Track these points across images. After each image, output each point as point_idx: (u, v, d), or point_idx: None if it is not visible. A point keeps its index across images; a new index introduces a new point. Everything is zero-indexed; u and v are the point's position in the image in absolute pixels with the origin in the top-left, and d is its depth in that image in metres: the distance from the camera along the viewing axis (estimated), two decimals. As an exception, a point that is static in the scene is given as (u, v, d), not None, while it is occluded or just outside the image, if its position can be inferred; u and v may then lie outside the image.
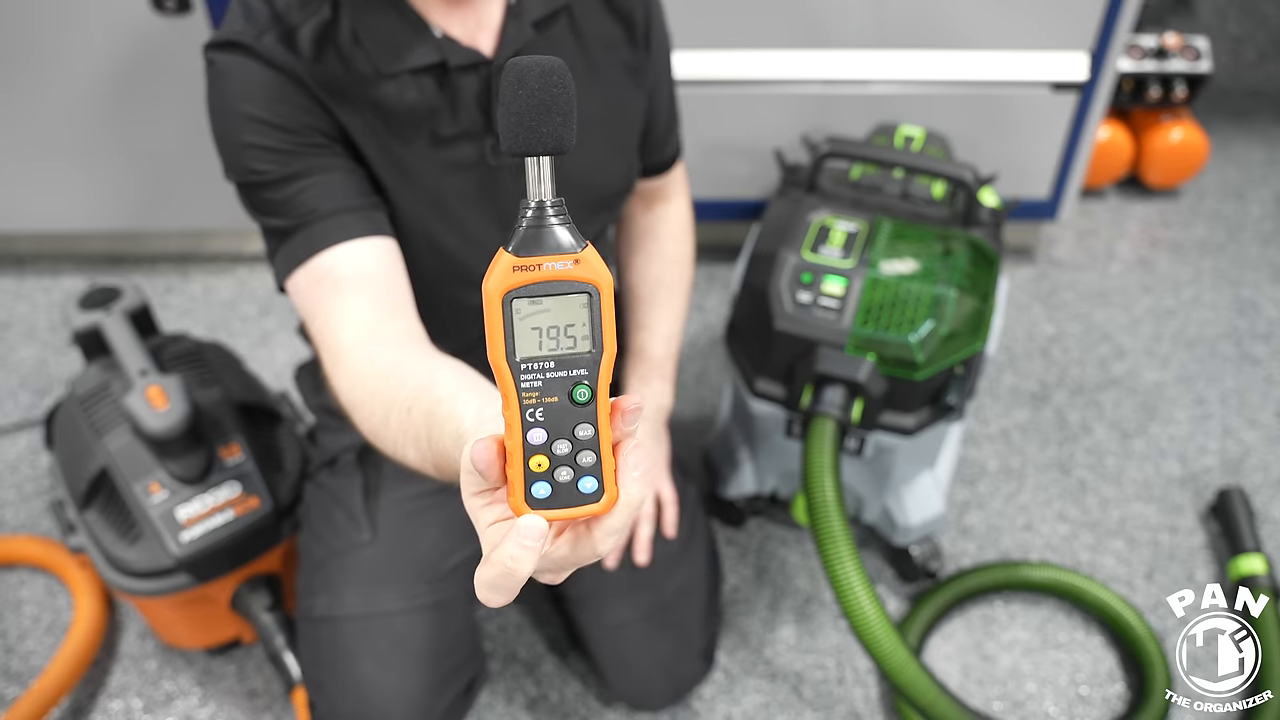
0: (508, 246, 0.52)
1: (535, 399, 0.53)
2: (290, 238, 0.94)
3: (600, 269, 0.53)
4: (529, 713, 1.45)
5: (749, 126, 1.88)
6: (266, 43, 0.92)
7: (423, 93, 0.97)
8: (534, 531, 0.52)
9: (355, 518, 1.22)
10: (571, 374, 0.53)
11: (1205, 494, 1.73)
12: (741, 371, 1.39)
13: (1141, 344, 1.99)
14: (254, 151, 0.93)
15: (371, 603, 1.18)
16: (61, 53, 1.76)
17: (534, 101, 0.52)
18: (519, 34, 0.98)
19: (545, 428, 0.53)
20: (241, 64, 0.93)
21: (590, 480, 0.54)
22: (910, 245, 1.34)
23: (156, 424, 1.29)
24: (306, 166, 0.94)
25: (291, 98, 0.93)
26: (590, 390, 0.53)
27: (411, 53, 0.95)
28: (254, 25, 0.93)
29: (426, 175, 1.01)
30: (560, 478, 0.54)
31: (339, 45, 0.95)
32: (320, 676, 1.20)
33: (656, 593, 1.28)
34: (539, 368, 0.53)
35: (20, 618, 1.55)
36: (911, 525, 1.49)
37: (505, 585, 0.53)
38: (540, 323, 0.53)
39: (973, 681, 1.49)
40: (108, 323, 1.42)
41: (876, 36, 1.79)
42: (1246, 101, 2.59)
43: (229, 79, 0.94)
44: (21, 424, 1.81)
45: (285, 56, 0.93)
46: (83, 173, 1.93)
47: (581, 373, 0.53)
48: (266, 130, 0.93)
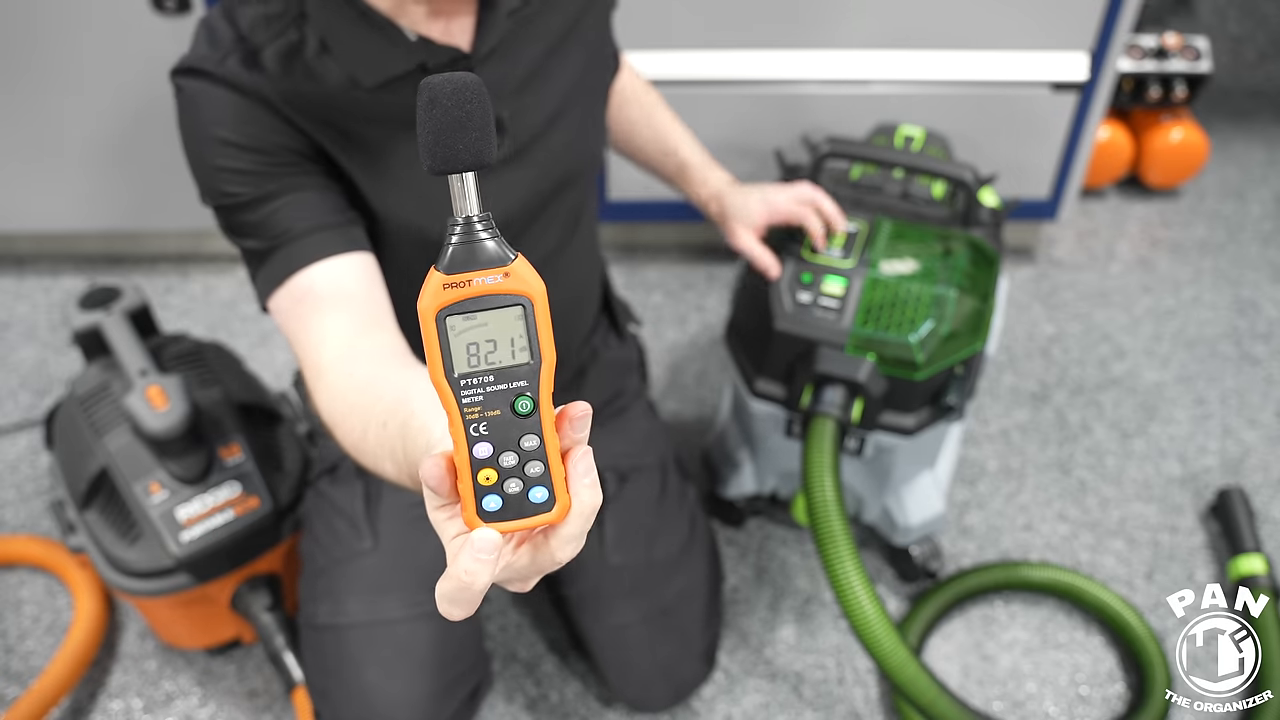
0: (437, 265, 0.53)
1: (478, 413, 0.53)
2: (268, 259, 0.94)
3: (531, 279, 0.53)
4: (529, 713, 1.45)
5: (749, 126, 1.88)
6: (230, 66, 0.92)
7: (400, 96, 0.96)
8: (487, 545, 0.53)
9: (357, 525, 1.21)
10: (512, 386, 0.53)
11: (1205, 494, 1.73)
12: (741, 371, 1.39)
13: (1141, 344, 1.99)
14: (226, 175, 0.93)
15: (374, 610, 1.18)
16: (62, 52, 1.76)
17: (448, 120, 0.52)
18: (496, 27, 0.97)
19: (490, 441, 0.54)
20: (206, 90, 0.92)
21: (540, 490, 0.54)
22: (910, 245, 1.34)
23: (156, 424, 1.29)
24: (280, 186, 0.93)
25: (260, 119, 0.93)
26: (532, 401, 0.54)
27: (390, 61, 0.94)
28: (217, 49, 0.93)
29: (414, 177, 1.00)
30: (510, 489, 0.54)
31: (306, 61, 0.93)
32: (325, 684, 1.20)
33: (657, 595, 1.28)
34: (478, 382, 0.53)
35: (20, 618, 1.55)
36: (911, 525, 1.49)
37: (463, 598, 0.54)
38: (475, 338, 0.53)
39: (973, 681, 1.49)
40: (108, 323, 1.42)
41: (876, 36, 1.79)
42: (1246, 101, 2.59)
43: (197, 105, 0.93)
44: (21, 424, 1.81)
45: (250, 78, 0.92)
46: (83, 173, 1.93)
47: (522, 384, 0.53)
48: (237, 153, 0.92)
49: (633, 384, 1.39)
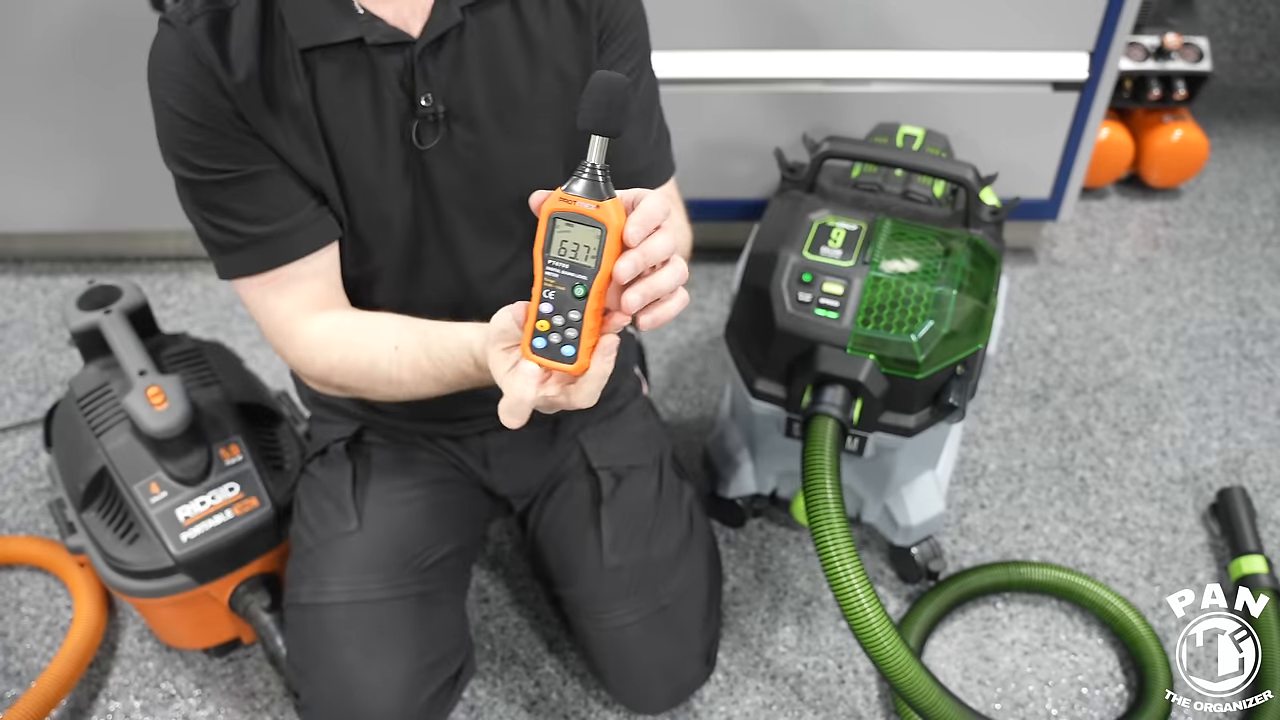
0: (564, 187, 0.78)
1: (552, 285, 0.79)
2: (238, 251, 1.02)
3: (614, 215, 0.77)
4: (529, 713, 1.45)
5: (749, 126, 1.88)
6: (196, 30, 0.95)
7: (346, 73, 0.98)
8: (529, 370, 0.80)
9: (343, 507, 1.23)
10: (577, 275, 0.78)
11: (1206, 494, 1.72)
12: (741, 371, 1.39)
13: (1142, 344, 1.99)
14: (182, 144, 0.98)
15: (356, 590, 1.18)
16: (61, 52, 1.76)
17: (604, 100, 0.77)
18: (447, 17, 0.98)
19: (552, 304, 0.79)
20: (170, 50, 0.97)
21: (569, 348, 0.80)
22: (911, 245, 1.34)
23: (156, 424, 1.29)
24: (238, 168, 0.99)
25: (207, 95, 0.96)
26: (585, 290, 0.78)
27: (330, 27, 0.96)
28: (190, 6, 0.96)
29: (354, 157, 1.01)
30: (552, 339, 0.80)
31: (274, 32, 0.96)
32: (304, 663, 1.20)
33: (655, 594, 1.28)
34: (558, 265, 0.79)
35: (20, 618, 1.55)
36: (912, 525, 1.49)
37: (518, 410, 0.81)
38: (566, 237, 0.78)
39: (973, 682, 1.49)
40: (107, 322, 1.42)
41: (876, 36, 1.79)
42: (1247, 101, 2.59)
43: (157, 66, 0.98)
44: (21, 424, 1.81)
45: (207, 50, 0.95)
46: (82, 173, 1.93)
47: (583, 278, 0.78)
48: (189, 127, 0.97)
49: (629, 384, 1.39)
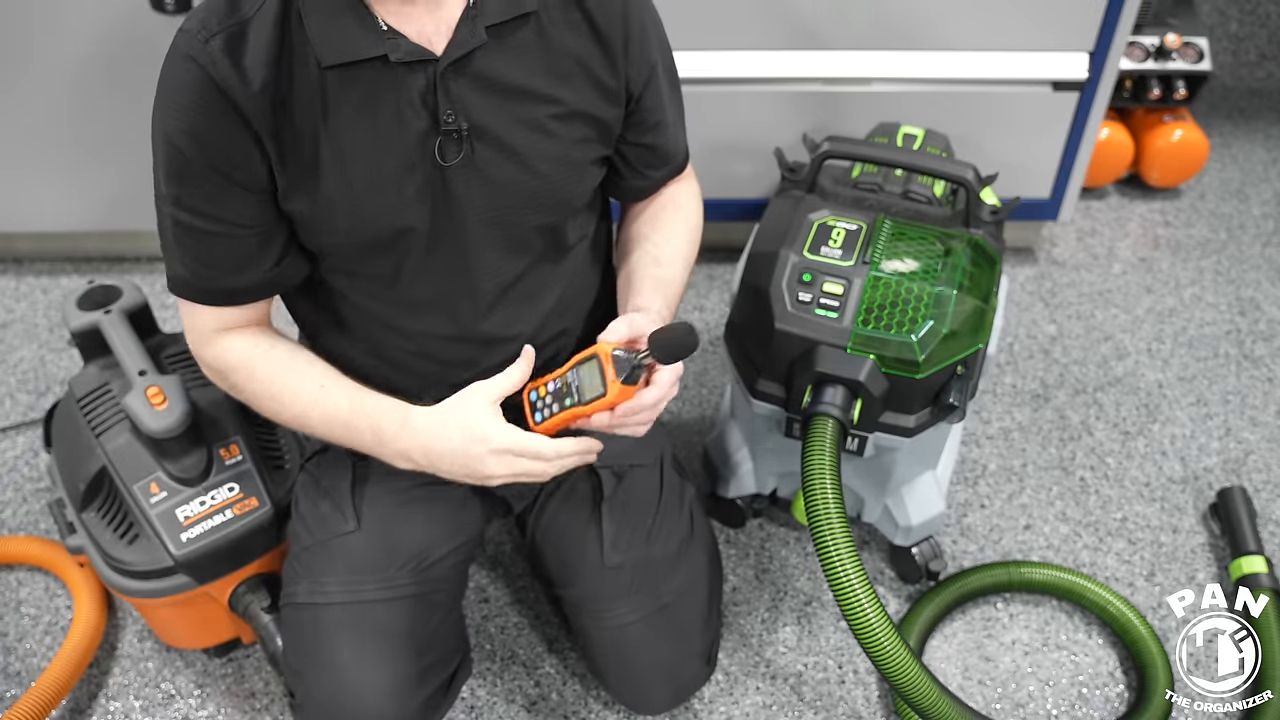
0: (615, 349, 1.03)
1: (560, 381, 1.06)
2: (186, 278, 1.08)
3: (616, 394, 1.01)
4: (529, 713, 1.45)
5: (749, 126, 1.88)
6: (213, 49, 0.94)
7: (353, 83, 0.97)
8: None
9: (342, 508, 1.23)
10: (573, 395, 1.04)
11: (1207, 494, 1.72)
12: (741, 371, 1.39)
13: (1143, 344, 1.99)
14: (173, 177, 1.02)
15: (353, 591, 1.19)
16: (61, 52, 1.76)
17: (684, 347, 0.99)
18: (471, 37, 0.98)
19: (551, 392, 1.06)
20: (181, 76, 0.96)
21: (539, 415, 1.06)
22: (911, 244, 1.34)
23: (156, 424, 1.29)
24: (218, 213, 1.02)
25: (217, 122, 0.96)
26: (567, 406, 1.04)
27: (354, 44, 0.96)
28: (208, 26, 0.95)
29: (372, 172, 1.01)
30: (537, 405, 1.07)
31: (293, 47, 0.96)
32: (299, 663, 1.20)
33: (656, 593, 1.28)
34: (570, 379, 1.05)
35: (20, 618, 1.55)
36: (912, 525, 1.49)
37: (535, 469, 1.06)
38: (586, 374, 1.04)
39: (973, 682, 1.49)
40: (107, 322, 1.42)
41: (877, 37, 1.79)
42: (1247, 101, 2.59)
43: (166, 93, 0.99)
44: (21, 424, 1.81)
45: (223, 72, 0.94)
46: (82, 173, 1.93)
47: (574, 399, 1.04)
48: (185, 160, 0.99)
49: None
